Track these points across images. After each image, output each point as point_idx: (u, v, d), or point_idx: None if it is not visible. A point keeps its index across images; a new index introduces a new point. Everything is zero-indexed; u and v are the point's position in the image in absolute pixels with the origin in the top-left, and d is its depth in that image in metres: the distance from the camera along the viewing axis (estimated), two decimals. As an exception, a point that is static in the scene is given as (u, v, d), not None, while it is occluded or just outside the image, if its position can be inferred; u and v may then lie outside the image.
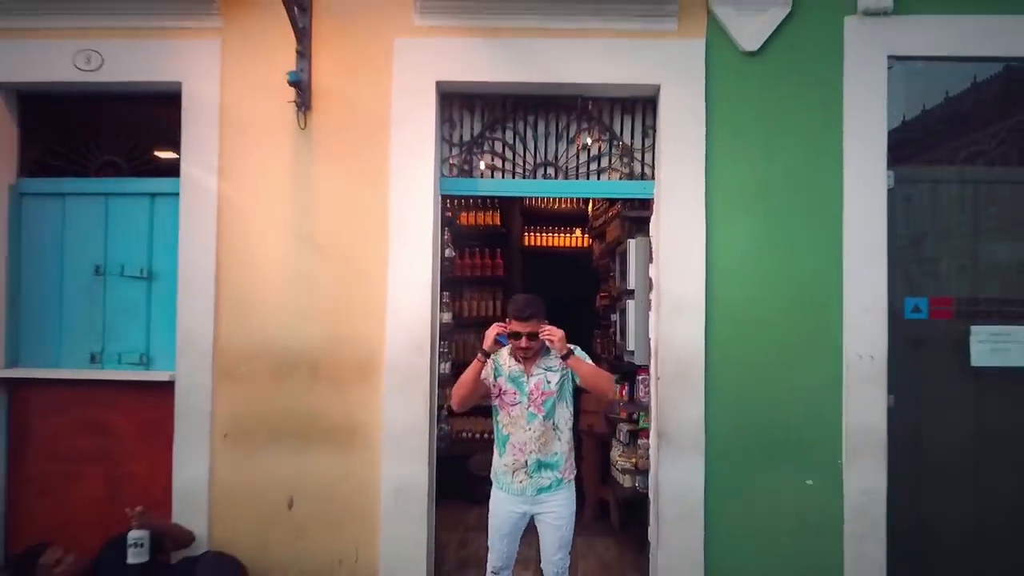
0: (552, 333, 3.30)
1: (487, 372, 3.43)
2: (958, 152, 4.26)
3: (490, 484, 3.56)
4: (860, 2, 3.98)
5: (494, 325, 3.41)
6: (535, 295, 3.44)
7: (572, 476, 3.48)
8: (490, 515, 3.53)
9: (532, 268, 7.57)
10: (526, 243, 7.77)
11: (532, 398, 3.38)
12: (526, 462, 3.38)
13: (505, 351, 3.46)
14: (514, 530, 3.48)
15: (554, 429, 3.40)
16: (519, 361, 3.43)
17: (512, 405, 3.40)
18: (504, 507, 3.46)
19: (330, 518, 4.05)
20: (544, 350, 3.43)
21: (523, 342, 3.32)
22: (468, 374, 3.40)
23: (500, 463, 3.48)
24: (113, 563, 3.81)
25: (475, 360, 3.40)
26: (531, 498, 3.40)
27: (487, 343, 3.35)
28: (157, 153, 4.39)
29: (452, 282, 5.86)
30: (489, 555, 3.52)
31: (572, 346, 3.40)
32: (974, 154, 4.26)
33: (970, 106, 4.19)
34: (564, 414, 3.42)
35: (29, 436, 4.30)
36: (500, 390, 3.43)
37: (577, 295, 6.72)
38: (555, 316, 3.50)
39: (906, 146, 4.08)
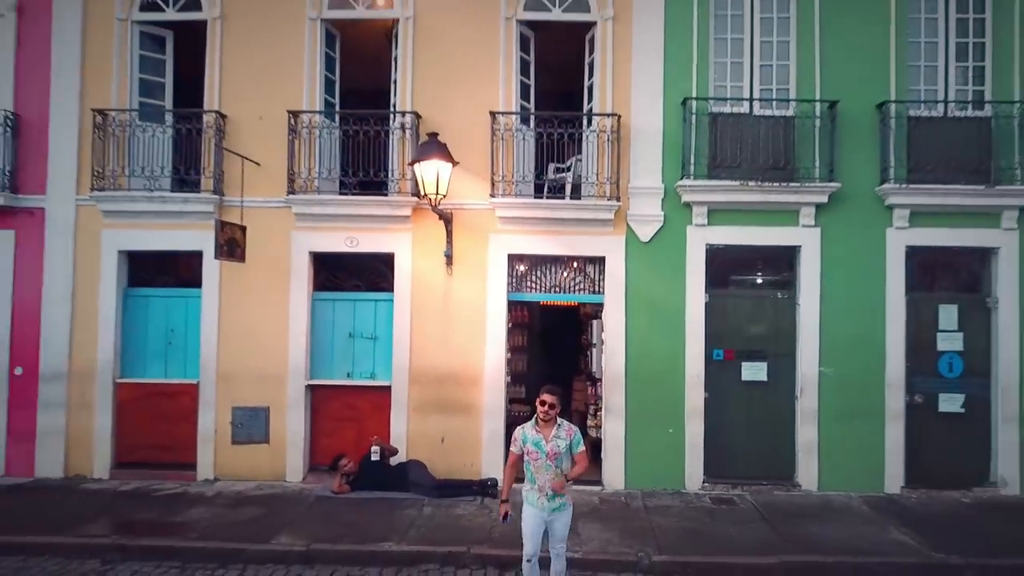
0: (560, 487, 5.43)
1: (518, 443, 5.56)
2: (738, 285, 9.39)
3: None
4: (695, 219, 9.12)
5: (501, 505, 5.67)
6: (556, 386, 5.74)
7: (570, 498, 5.60)
8: (523, 523, 5.55)
9: (545, 319, 12.62)
10: (542, 307, 12.83)
11: (549, 455, 5.50)
12: (546, 493, 5.50)
13: (529, 427, 5.60)
14: (538, 530, 5.53)
15: (561, 473, 5.52)
16: (539, 432, 5.55)
17: (536, 459, 5.51)
18: (532, 517, 5.53)
19: (460, 446, 9.12)
20: (556, 424, 5.56)
21: (546, 408, 5.53)
22: (507, 475, 5.72)
23: (529, 490, 5.58)
24: (366, 462, 8.89)
25: (504, 487, 5.72)
26: (548, 512, 5.53)
27: (502, 508, 5.67)
28: (381, 282, 9.49)
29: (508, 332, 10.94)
30: (524, 548, 5.53)
31: (575, 432, 5.59)
32: (748, 285, 9.40)
33: (746, 266, 9.34)
34: (566, 464, 5.55)
35: (319, 409, 9.39)
36: (527, 451, 5.57)
37: (570, 336, 11.82)
38: (556, 344, 8.61)
39: (714, 280, 9.22)
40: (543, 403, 5.56)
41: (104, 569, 6.69)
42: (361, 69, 10.06)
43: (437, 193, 8.35)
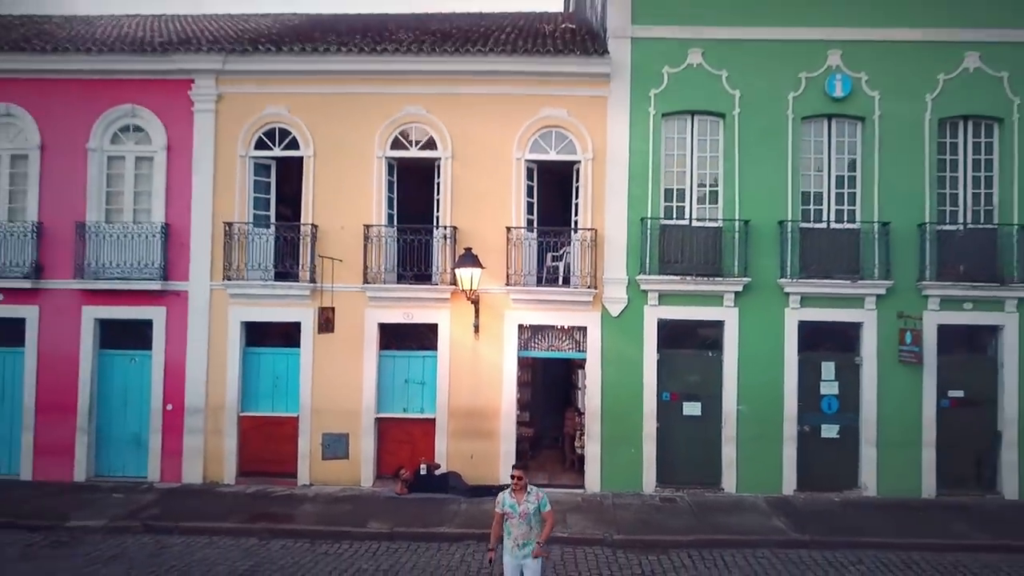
0: (541, 553, 7.35)
1: (499, 506, 7.51)
2: (680, 347, 13.18)
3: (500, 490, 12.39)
4: (649, 301, 12.91)
5: (489, 552, 7.63)
6: (522, 463, 9.40)
7: (539, 550, 7.32)
8: (504, 566, 7.46)
9: (545, 367, 16.38)
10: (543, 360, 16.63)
11: (520, 515, 7.40)
12: (518, 543, 7.41)
13: (507, 493, 7.56)
14: (515, 572, 7.38)
15: (531, 529, 7.39)
16: (514, 497, 7.48)
17: (511, 518, 7.44)
18: (508, 564, 7.43)
19: (484, 461, 12.93)
20: (526, 489, 7.48)
21: (515, 480, 7.50)
22: (494, 528, 7.62)
23: (507, 541, 7.45)
24: (418, 473, 12.71)
25: (492, 538, 7.66)
26: (520, 559, 7.38)
27: (489, 554, 7.65)
28: (427, 344, 13.27)
29: (518, 379, 14.73)
30: None
31: (543, 496, 7.50)
32: (687, 347, 13.19)
33: (686, 334, 13.13)
34: (535, 520, 7.42)
35: (383, 434, 13.21)
36: (506, 512, 7.50)
37: (563, 379, 15.61)
38: (553, 386, 12.44)
39: (663, 343, 12.99)
40: (512, 477, 7.64)
41: (261, 543, 10.48)
42: (413, 190, 13.86)
43: (470, 288, 12.17)
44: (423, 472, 12.72)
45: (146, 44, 13.50)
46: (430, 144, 13.28)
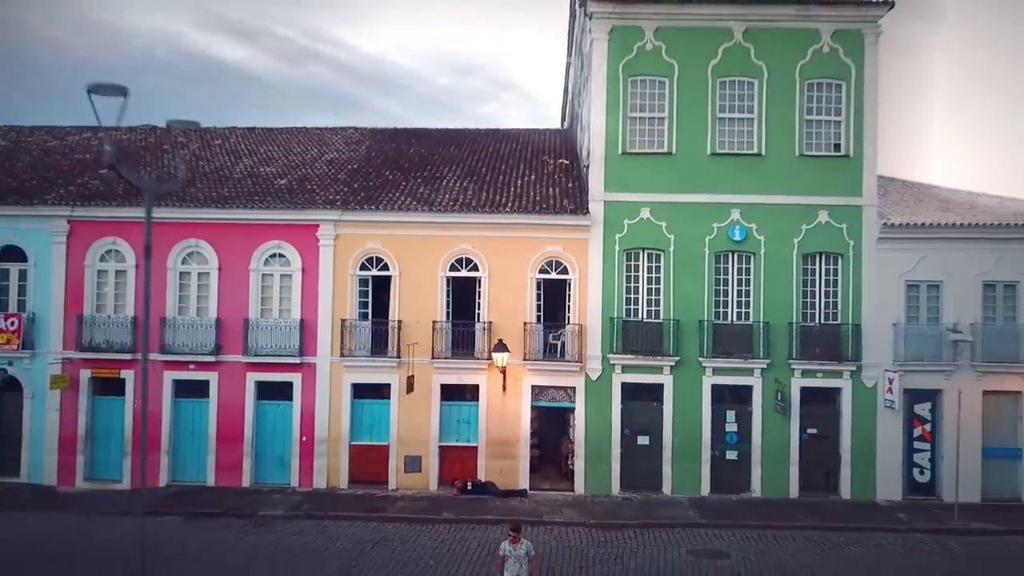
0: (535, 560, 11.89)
1: (502, 550, 11.69)
2: (636, 400, 20.29)
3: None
4: (616, 371, 19.98)
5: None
6: (516, 523, 12.39)
7: None
8: None
9: (548, 412, 23.48)
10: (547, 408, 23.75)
11: (516, 558, 11.50)
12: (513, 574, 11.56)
13: (507, 542, 11.66)
14: None
15: (522, 567, 11.47)
16: (511, 545, 11.56)
17: (508, 560, 11.52)
18: None
19: (510, 473, 20.04)
20: (519, 541, 11.56)
21: (513, 536, 11.64)
22: (498, 568, 11.92)
23: (506, 574, 11.56)
24: (466, 483, 19.83)
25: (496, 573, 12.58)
26: None
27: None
28: (471, 397, 20.41)
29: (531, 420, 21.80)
30: None
31: (530, 544, 11.77)
32: (641, 400, 20.29)
33: (640, 392, 20.25)
34: (525, 562, 11.50)
35: (443, 456, 20.36)
36: (505, 556, 11.57)
37: (561, 420, 22.71)
38: (554, 422, 19.60)
39: (624, 397, 20.07)
40: (510, 532, 11.79)
41: (380, 525, 17.56)
42: (462, 297, 20.95)
43: (503, 366, 19.28)
44: (470, 482, 19.81)
45: (287, 200, 20.59)
46: (473, 268, 20.36)
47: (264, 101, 63.97)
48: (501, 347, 19.34)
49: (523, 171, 22.82)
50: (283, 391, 20.48)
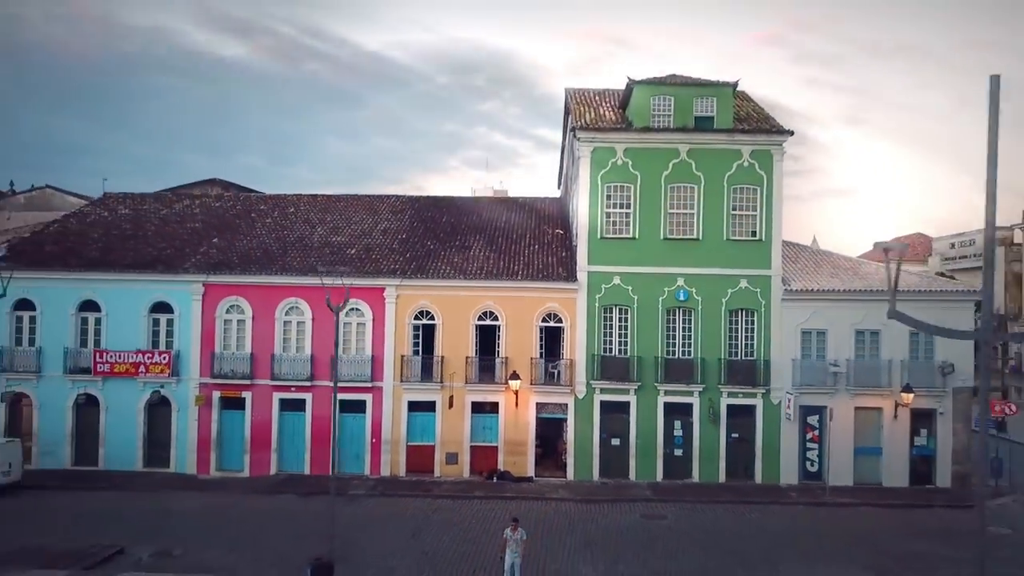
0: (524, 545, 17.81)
1: (505, 534, 17.18)
2: (613, 413, 28.44)
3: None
4: (596, 392, 28.08)
5: (500, 553, 18.28)
6: (516, 518, 17.82)
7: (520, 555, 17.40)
8: (505, 562, 16.95)
9: (549, 420, 31.56)
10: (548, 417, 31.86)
11: (514, 540, 16.96)
12: (512, 551, 16.91)
13: (508, 530, 17.16)
14: (511, 569, 16.84)
15: (518, 545, 16.95)
16: (512, 531, 17.03)
17: (509, 543, 16.97)
18: (508, 558, 16.87)
19: (521, 465, 28.20)
20: (517, 530, 17.09)
21: (513, 526, 17.15)
22: (501, 546, 17.35)
23: (507, 553, 16.96)
24: (491, 472, 28.03)
25: (501, 549, 17.49)
26: (512, 558, 16.85)
27: (501, 553, 17.87)
28: (494, 410, 28.55)
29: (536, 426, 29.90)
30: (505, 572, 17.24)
31: (524, 534, 17.43)
32: (616, 413, 28.41)
33: (616, 409, 28.38)
34: (520, 544, 17.04)
35: (474, 453, 28.50)
36: (507, 540, 17.03)
37: (559, 427, 30.82)
38: (553, 428, 27.78)
39: (603, 411, 28.21)
40: (511, 524, 17.18)
41: (434, 501, 25.70)
42: (486, 337, 29.06)
43: (516, 389, 27.44)
44: (494, 473, 27.91)
45: (360, 268, 28.68)
46: (495, 318, 28.49)
47: (264, 99, 70.21)
48: (515, 376, 27.47)
49: (528, 241, 30.98)
50: (359, 406, 28.59)
